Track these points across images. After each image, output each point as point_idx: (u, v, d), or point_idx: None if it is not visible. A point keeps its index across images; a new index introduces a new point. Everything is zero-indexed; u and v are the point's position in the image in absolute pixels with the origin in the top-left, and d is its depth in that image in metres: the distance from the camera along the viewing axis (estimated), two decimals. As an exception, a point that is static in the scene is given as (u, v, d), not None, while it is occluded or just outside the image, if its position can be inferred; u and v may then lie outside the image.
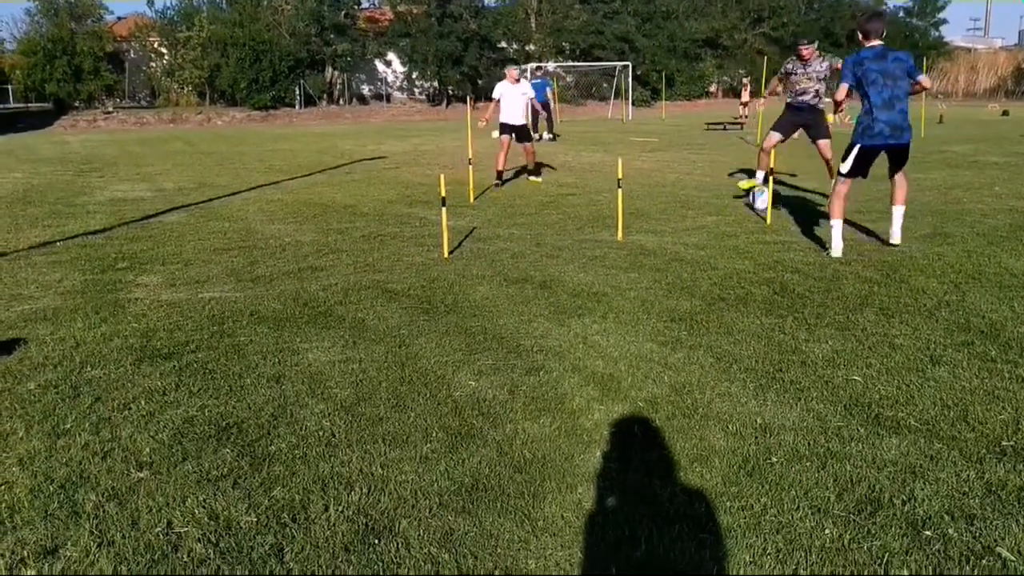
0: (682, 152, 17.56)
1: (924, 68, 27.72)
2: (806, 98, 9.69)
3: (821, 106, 9.68)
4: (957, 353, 4.35)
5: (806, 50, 9.65)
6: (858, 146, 6.70)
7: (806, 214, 8.92)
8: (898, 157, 6.81)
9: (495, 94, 12.02)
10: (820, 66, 9.50)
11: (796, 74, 9.76)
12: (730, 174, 12.89)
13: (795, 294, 5.59)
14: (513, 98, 11.85)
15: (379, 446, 3.37)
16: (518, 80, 11.92)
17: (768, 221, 8.30)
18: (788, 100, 9.81)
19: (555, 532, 2.72)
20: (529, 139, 12.15)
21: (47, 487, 3.04)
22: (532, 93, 12.14)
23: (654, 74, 46.02)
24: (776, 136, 9.70)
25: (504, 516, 2.82)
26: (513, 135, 11.95)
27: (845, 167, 6.82)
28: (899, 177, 6.98)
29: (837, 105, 7.13)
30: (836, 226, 6.86)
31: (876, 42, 6.67)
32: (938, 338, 4.60)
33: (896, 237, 7.06)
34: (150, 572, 2.53)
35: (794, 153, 13.63)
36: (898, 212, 7.05)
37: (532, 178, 12.35)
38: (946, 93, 44.40)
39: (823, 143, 9.60)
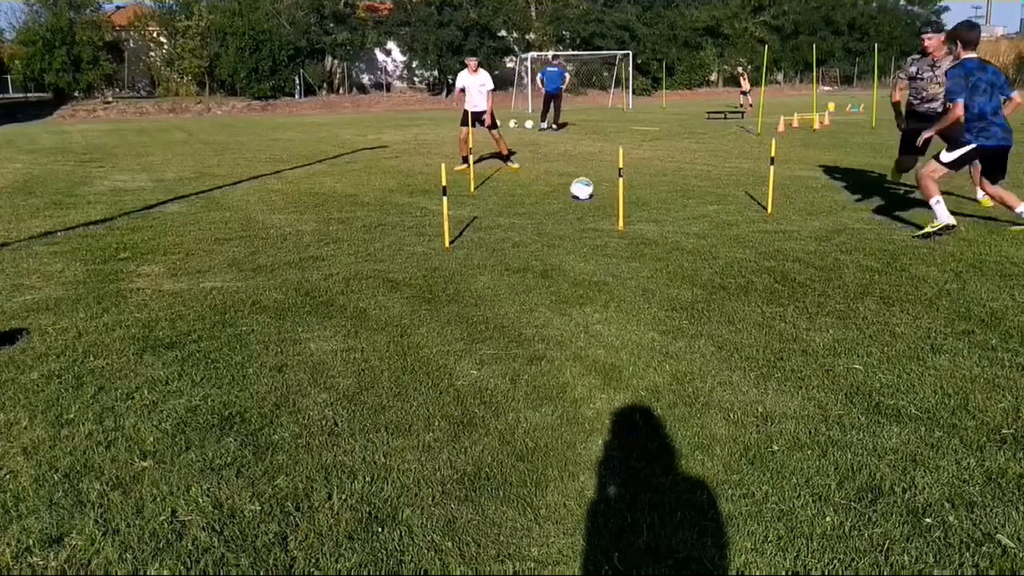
0: (683, 141, 17.53)
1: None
2: (935, 105, 8.13)
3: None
4: (958, 342, 4.36)
5: (930, 40, 8.21)
6: (973, 146, 6.80)
7: (813, 205, 8.92)
8: (1003, 159, 6.96)
9: (458, 84, 12.56)
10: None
11: (923, 78, 8.30)
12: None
13: (796, 283, 5.59)
14: (472, 88, 12.28)
15: (382, 435, 3.38)
16: (476, 71, 12.31)
17: (769, 210, 8.30)
18: (913, 105, 8.44)
19: (557, 520, 2.74)
20: (482, 123, 12.42)
21: (51, 476, 3.05)
22: (491, 85, 12.44)
23: (654, 63, 45.92)
24: (912, 159, 8.39)
25: (506, 504, 2.83)
26: (474, 123, 12.32)
27: (950, 157, 6.90)
28: (942, 172, 7.00)
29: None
30: (940, 201, 6.95)
31: (973, 54, 6.77)
32: (939, 327, 4.61)
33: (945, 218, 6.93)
34: (155, 560, 2.55)
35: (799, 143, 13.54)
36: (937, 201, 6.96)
37: (511, 165, 12.54)
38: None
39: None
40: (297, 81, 40.92)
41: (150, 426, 3.48)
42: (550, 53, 31.63)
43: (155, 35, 42.19)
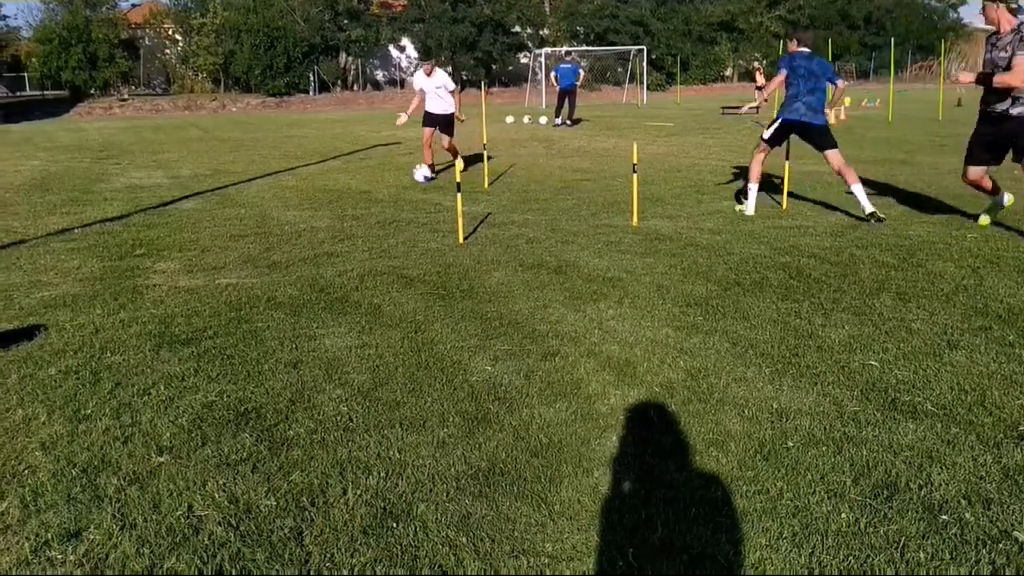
0: (697, 136, 17.47)
1: (942, 51, 27.52)
2: (996, 101, 6.45)
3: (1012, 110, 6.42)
4: (975, 338, 4.33)
5: (990, 8, 6.36)
6: (781, 119, 7.92)
7: (826, 200, 8.87)
8: (814, 135, 7.83)
9: (415, 86, 11.65)
10: (1008, 36, 6.26)
11: (987, 59, 6.53)
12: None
13: (811, 279, 5.57)
14: (430, 91, 11.34)
15: (396, 431, 3.39)
16: (431, 73, 11.29)
17: (784, 206, 8.26)
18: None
19: (572, 516, 2.74)
20: (450, 132, 11.38)
21: (69, 471, 3.08)
22: (451, 86, 11.33)
23: (669, 58, 45.78)
24: (973, 169, 6.95)
25: (521, 500, 2.84)
26: (436, 127, 11.34)
27: (767, 134, 8.02)
28: (834, 159, 7.73)
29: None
30: (753, 189, 8.08)
31: (805, 49, 7.94)
32: (955, 323, 4.58)
33: (869, 207, 7.49)
34: (172, 554, 2.57)
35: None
36: (857, 189, 7.56)
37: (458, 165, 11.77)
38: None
39: None
40: (311, 78, 41.04)
41: (167, 422, 3.51)
42: (563, 49, 31.59)
43: (170, 32, 42.44)
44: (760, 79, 29.44)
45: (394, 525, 2.71)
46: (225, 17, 39.34)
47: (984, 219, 7.22)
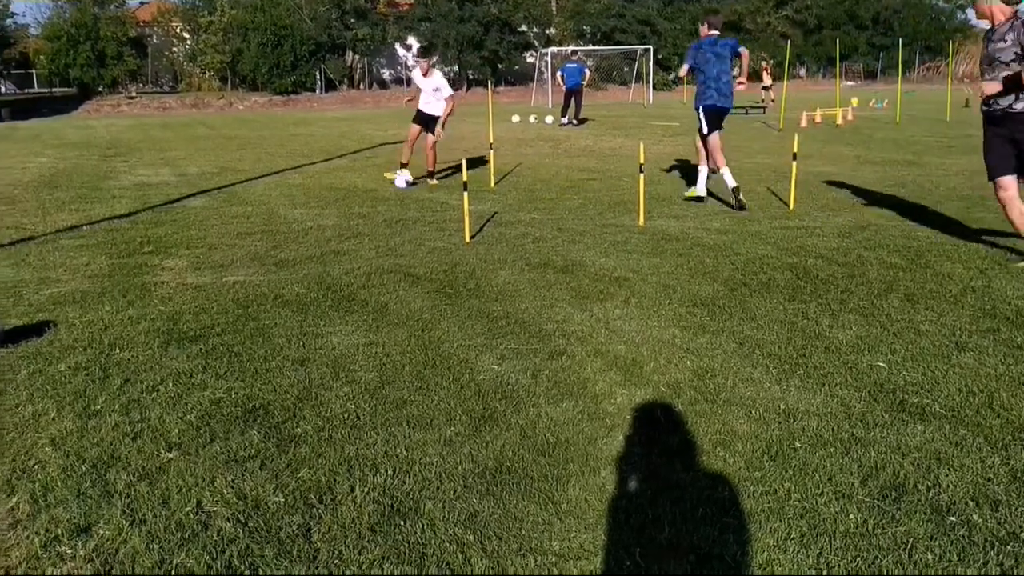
0: (704, 136, 17.42)
1: (950, 51, 27.44)
2: (994, 97, 5.92)
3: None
4: (983, 339, 4.32)
5: (983, 1, 5.97)
6: (700, 108, 8.57)
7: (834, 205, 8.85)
8: (722, 117, 8.70)
9: (413, 80, 11.18)
10: (1011, 34, 5.76)
11: (985, 51, 6.05)
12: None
13: (818, 279, 5.56)
14: (425, 91, 10.83)
15: (403, 429, 3.40)
16: (427, 73, 10.75)
17: (791, 206, 8.25)
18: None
19: (579, 515, 2.74)
20: (431, 130, 10.80)
21: (79, 467, 3.09)
22: (447, 92, 10.71)
23: (675, 58, 45.69)
24: (1005, 180, 6.00)
25: (528, 499, 2.84)
26: (423, 126, 10.88)
27: (705, 129, 8.61)
28: (715, 140, 8.58)
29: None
30: (726, 172, 8.48)
31: (715, 33, 8.60)
32: (964, 324, 4.57)
33: (702, 190, 8.77)
34: (181, 550, 2.58)
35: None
36: (703, 170, 8.83)
37: (431, 181, 10.87)
38: (972, 76, 43.87)
39: None
40: (318, 76, 41.10)
41: (175, 418, 3.52)
42: (570, 48, 31.60)
43: (178, 31, 42.56)
44: (767, 79, 29.40)
45: (401, 523, 2.71)
46: (232, 15, 39.45)
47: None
